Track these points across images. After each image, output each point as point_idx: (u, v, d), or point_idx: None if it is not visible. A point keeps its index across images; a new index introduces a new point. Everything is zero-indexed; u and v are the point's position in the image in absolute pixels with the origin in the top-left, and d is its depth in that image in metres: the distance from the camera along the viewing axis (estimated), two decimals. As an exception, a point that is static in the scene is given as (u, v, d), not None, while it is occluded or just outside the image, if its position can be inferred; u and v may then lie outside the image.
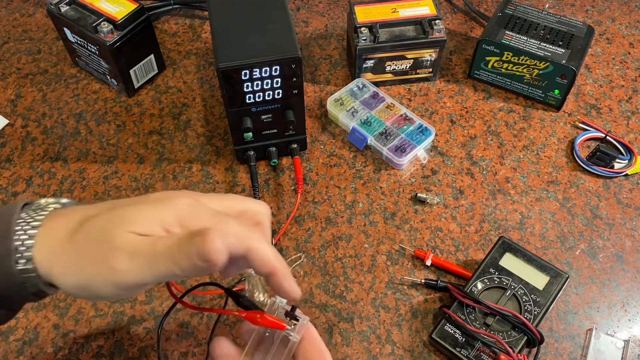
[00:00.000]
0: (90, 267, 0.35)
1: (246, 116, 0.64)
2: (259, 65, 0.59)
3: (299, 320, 0.42)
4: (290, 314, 0.43)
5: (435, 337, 0.56)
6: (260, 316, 0.41)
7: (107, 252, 0.34)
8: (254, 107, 0.64)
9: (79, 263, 0.35)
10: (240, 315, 0.42)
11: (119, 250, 0.34)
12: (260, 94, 0.62)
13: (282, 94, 0.63)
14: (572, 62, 0.73)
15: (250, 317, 0.41)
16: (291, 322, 0.42)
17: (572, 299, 0.61)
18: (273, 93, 0.63)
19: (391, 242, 0.65)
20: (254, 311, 0.42)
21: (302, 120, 0.67)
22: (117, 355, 0.58)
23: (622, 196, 0.69)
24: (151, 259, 0.34)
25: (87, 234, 0.35)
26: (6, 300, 0.37)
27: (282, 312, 0.43)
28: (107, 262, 0.34)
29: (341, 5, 0.93)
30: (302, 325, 0.42)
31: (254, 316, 0.41)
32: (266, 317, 0.41)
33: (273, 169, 0.72)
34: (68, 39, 0.78)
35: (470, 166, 0.72)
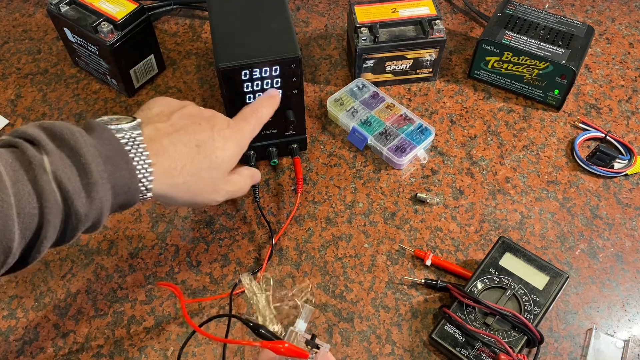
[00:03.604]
0: (199, 199, 0.51)
1: None
2: (259, 65, 0.59)
3: (319, 348, 0.44)
4: (310, 342, 0.44)
5: (435, 337, 0.56)
6: (283, 346, 0.42)
7: (212, 193, 0.51)
8: None
9: (190, 197, 0.49)
10: (265, 346, 0.43)
11: (222, 191, 0.53)
12: (260, 94, 0.62)
13: (282, 94, 0.63)
14: (572, 62, 0.73)
15: (275, 348, 0.42)
16: (312, 350, 0.43)
17: (572, 299, 0.61)
18: None
19: (391, 242, 0.65)
20: (278, 341, 0.43)
21: (302, 120, 0.67)
22: (117, 355, 0.58)
23: (622, 196, 0.69)
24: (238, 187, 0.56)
25: (193, 180, 0.48)
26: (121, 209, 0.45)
27: (301, 340, 0.45)
28: (212, 197, 0.52)
29: (341, 5, 0.93)
30: (323, 353, 0.43)
31: (278, 346, 0.42)
32: (290, 347, 0.42)
33: (273, 169, 0.72)
34: (68, 39, 0.78)
35: (470, 166, 0.72)
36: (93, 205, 0.40)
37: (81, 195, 0.39)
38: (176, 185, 0.47)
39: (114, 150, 0.42)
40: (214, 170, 0.50)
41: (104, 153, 0.41)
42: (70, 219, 0.40)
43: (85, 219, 0.40)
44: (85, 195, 0.40)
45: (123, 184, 0.42)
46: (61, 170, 0.39)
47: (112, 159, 0.42)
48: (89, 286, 0.62)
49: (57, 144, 0.40)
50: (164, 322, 0.60)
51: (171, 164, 0.46)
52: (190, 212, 0.68)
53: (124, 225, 0.67)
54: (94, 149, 0.41)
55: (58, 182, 0.38)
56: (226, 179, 0.53)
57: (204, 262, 0.64)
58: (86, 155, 0.40)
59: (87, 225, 0.42)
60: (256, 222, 0.67)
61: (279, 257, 0.64)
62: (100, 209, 0.41)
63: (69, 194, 0.39)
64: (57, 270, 0.64)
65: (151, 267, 0.64)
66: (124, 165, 0.42)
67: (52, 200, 0.38)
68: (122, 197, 0.43)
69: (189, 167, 0.48)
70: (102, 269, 0.63)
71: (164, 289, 0.62)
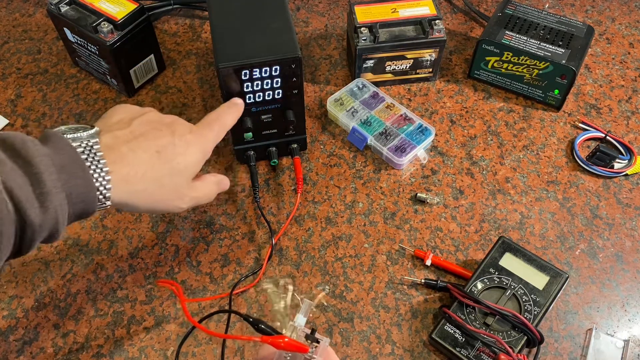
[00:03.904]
0: (161, 206, 0.50)
1: (246, 116, 0.64)
2: (259, 65, 0.59)
3: (319, 342, 0.44)
4: (310, 337, 0.44)
5: (435, 337, 0.56)
6: (283, 341, 0.42)
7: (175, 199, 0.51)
8: (254, 107, 0.64)
9: (152, 205, 0.49)
10: (265, 341, 0.43)
11: (186, 197, 0.52)
12: (260, 94, 0.62)
13: (282, 94, 0.63)
14: (572, 62, 0.73)
15: (275, 343, 0.42)
16: (312, 344, 0.44)
17: (572, 299, 0.61)
18: (273, 93, 0.63)
19: (391, 242, 0.65)
20: (278, 336, 0.43)
21: (302, 120, 0.67)
22: (117, 355, 0.58)
23: (622, 196, 0.69)
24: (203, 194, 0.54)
25: (155, 187, 0.48)
26: (77, 218, 0.45)
27: (301, 334, 0.45)
28: (175, 204, 0.51)
29: (341, 5, 0.93)
30: (323, 347, 0.43)
31: (278, 341, 0.42)
32: (290, 342, 0.42)
33: (273, 168, 0.72)
34: (68, 39, 0.78)
35: (470, 166, 0.72)
36: (47, 214, 0.40)
37: (34, 205, 0.39)
38: (136, 192, 0.47)
39: (69, 159, 0.42)
40: (175, 176, 0.49)
41: (58, 162, 0.41)
42: (25, 229, 0.39)
43: (40, 229, 0.40)
44: (39, 205, 0.39)
45: (79, 192, 0.42)
46: (12, 180, 0.38)
47: (67, 168, 0.41)
48: (89, 286, 0.62)
49: (9, 154, 0.39)
50: (164, 322, 0.60)
51: (130, 171, 0.46)
52: (190, 212, 0.68)
53: (124, 225, 0.67)
54: (47, 158, 0.40)
55: (9, 192, 0.38)
56: (190, 185, 0.52)
57: (204, 262, 0.64)
58: (38, 165, 0.39)
59: (44, 235, 0.41)
60: (256, 222, 0.67)
61: (279, 257, 0.64)
62: (56, 218, 0.40)
63: (21, 204, 0.38)
64: (57, 270, 0.64)
65: (151, 267, 0.64)
66: (80, 174, 0.42)
67: (3, 210, 0.37)
68: (80, 206, 0.42)
69: (149, 173, 0.47)
70: (102, 269, 0.63)
71: (164, 288, 0.62)
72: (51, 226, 0.41)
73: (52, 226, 0.41)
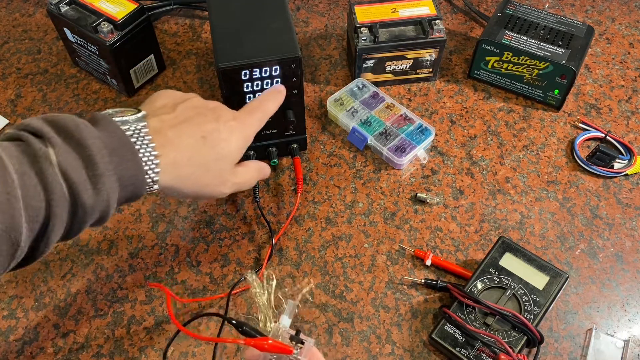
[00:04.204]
0: (205, 190, 0.50)
1: None
2: (259, 65, 0.59)
3: (304, 343, 0.43)
4: (295, 338, 0.44)
5: (435, 337, 0.56)
6: (267, 343, 0.42)
7: (219, 185, 0.51)
8: None
9: (197, 189, 0.49)
10: (248, 344, 0.43)
11: (228, 182, 0.52)
12: (260, 94, 0.62)
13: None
14: (572, 62, 0.73)
15: (258, 345, 0.42)
16: (297, 345, 0.43)
17: (572, 299, 0.61)
18: None
19: (391, 242, 0.65)
20: (261, 338, 0.43)
21: (302, 120, 0.67)
22: (117, 355, 0.58)
23: (622, 196, 0.69)
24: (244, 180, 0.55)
25: (200, 171, 0.48)
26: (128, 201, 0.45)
27: (286, 336, 0.44)
28: (219, 189, 0.52)
29: (341, 5, 0.93)
30: (308, 347, 0.43)
31: (261, 343, 0.42)
32: (273, 343, 0.42)
33: (273, 169, 0.72)
34: (68, 39, 0.78)
35: (470, 166, 0.72)
36: (99, 197, 0.40)
37: (87, 187, 0.39)
38: (183, 176, 0.47)
39: (119, 142, 0.42)
40: (220, 161, 0.50)
41: (110, 145, 0.41)
42: (77, 211, 0.40)
43: (92, 211, 0.40)
44: (92, 187, 0.40)
45: (130, 175, 0.42)
46: (67, 162, 0.39)
47: (118, 151, 0.42)
48: (89, 286, 0.62)
49: (62, 136, 0.40)
50: (164, 322, 0.60)
51: (177, 155, 0.46)
52: (191, 212, 0.68)
53: (124, 225, 0.67)
54: (99, 141, 0.41)
55: (64, 174, 0.38)
56: (233, 171, 0.53)
57: (204, 262, 0.64)
58: (91, 147, 0.40)
59: (95, 217, 0.42)
60: (256, 222, 0.67)
61: (279, 257, 0.64)
62: (107, 201, 0.41)
63: (75, 186, 0.39)
64: (57, 270, 0.64)
65: (151, 267, 0.64)
66: (129, 157, 0.42)
67: (58, 193, 0.38)
68: (129, 189, 0.43)
69: (195, 158, 0.48)
70: (102, 269, 0.63)
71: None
72: (102, 209, 0.41)
73: (103, 209, 0.41)
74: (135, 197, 0.44)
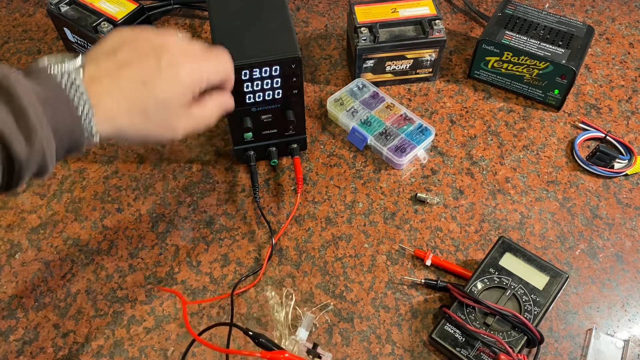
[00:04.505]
0: (151, 137, 0.47)
1: (246, 116, 0.64)
2: (259, 65, 0.59)
3: (321, 358, 0.43)
4: (312, 352, 0.43)
5: (435, 337, 0.56)
6: (284, 356, 0.42)
7: (166, 131, 0.48)
8: (254, 107, 0.64)
9: (142, 137, 0.46)
10: (265, 356, 0.42)
11: (178, 128, 0.48)
12: (260, 94, 0.62)
13: (282, 94, 0.63)
14: (572, 62, 0.73)
15: (275, 358, 0.42)
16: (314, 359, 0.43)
17: (572, 299, 0.61)
18: (273, 93, 0.62)
19: (391, 242, 0.65)
20: (278, 351, 0.42)
21: (302, 120, 0.67)
22: (117, 355, 0.58)
23: (622, 196, 0.69)
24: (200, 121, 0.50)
25: (140, 120, 0.45)
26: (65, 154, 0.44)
27: (303, 349, 0.44)
28: (167, 135, 0.48)
29: (341, 5, 0.93)
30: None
31: (278, 356, 0.42)
32: (290, 357, 0.42)
33: (273, 168, 0.72)
34: (68, 39, 0.78)
35: (470, 166, 0.72)
36: (33, 150, 0.39)
37: (19, 140, 0.38)
38: (123, 126, 0.45)
39: (52, 93, 0.40)
40: (162, 108, 0.46)
41: (43, 96, 0.40)
42: (12, 164, 0.39)
43: (27, 164, 0.39)
44: (24, 140, 0.38)
45: (66, 127, 0.41)
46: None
47: (51, 102, 0.40)
48: (89, 286, 0.62)
49: None
50: (164, 322, 0.60)
51: (113, 106, 0.43)
52: (190, 212, 0.68)
53: (124, 225, 0.67)
54: (31, 93, 0.39)
55: None
56: (183, 114, 0.48)
57: (204, 262, 0.64)
58: (22, 99, 0.38)
59: (33, 170, 0.40)
60: (256, 222, 0.67)
61: (279, 257, 0.64)
62: (43, 154, 0.40)
63: (6, 139, 0.37)
64: (57, 270, 0.64)
65: (151, 267, 0.64)
66: (64, 108, 0.41)
67: None
68: (67, 141, 0.41)
69: (134, 106, 0.44)
70: (102, 269, 0.63)
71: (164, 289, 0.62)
72: (39, 161, 0.40)
73: (40, 161, 0.40)
74: (76, 148, 0.43)
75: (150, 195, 0.69)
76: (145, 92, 0.45)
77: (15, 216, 0.68)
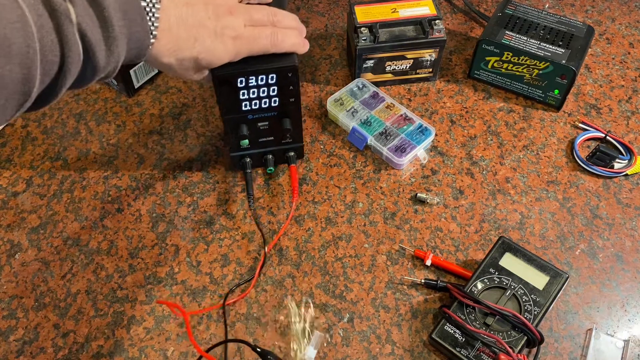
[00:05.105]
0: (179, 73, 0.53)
1: (242, 123, 0.64)
2: (255, 73, 0.58)
3: None
4: None
5: (435, 337, 0.56)
6: None
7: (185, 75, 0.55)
8: (250, 114, 0.63)
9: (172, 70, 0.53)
10: None
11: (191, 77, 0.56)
12: (256, 101, 0.61)
13: (278, 102, 0.62)
14: (572, 62, 0.73)
15: None
16: None
17: (572, 299, 0.61)
18: (269, 101, 0.62)
19: (391, 242, 0.65)
20: None
21: (299, 129, 0.67)
22: (117, 355, 0.58)
23: (622, 196, 0.69)
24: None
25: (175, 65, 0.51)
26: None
27: None
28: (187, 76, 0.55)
29: (341, 5, 0.93)
30: None
31: None
32: None
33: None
34: None
35: (470, 166, 0.72)
36: (112, 57, 0.42)
37: (102, 48, 0.41)
38: (162, 62, 0.50)
39: (131, 6, 0.43)
40: (192, 64, 0.53)
41: (123, 7, 0.42)
42: (89, 68, 0.41)
43: (102, 70, 0.42)
44: (106, 48, 0.41)
45: (137, 39, 0.44)
46: (85, 21, 0.39)
47: (129, 14, 0.43)
48: (89, 286, 0.62)
49: None
50: (164, 322, 0.60)
51: (167, 44, 0.49)
52: (191, 212, 0.68)
53: (124, 225, 0.67)
54: (115, 2, 0.41)
55: (81, 33, 0.39)
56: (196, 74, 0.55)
57: (204, 262, 0.64)
58: (109, 8, 0.41)
59: (103, 75, 0.43)
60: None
61: (279, 257, 0.64)
62: (117, 61, 0.43)
63: (91, 46, 0.40)
64: (57, 270, 0.64)
65: (151, 267, 0.64)
66: (139, 21, 0.44)
67: (75, 51, 0.39)
68: (134, 52, 0.45)
69: (177, 53, 0.50)
70: (102, 269, 0.63)
71: (164, 289, 0.62)
72: (111, 68, 0.43)
73: (112, 68, 0.43)
74: (136, 60, 0.47)
75: (150, 195, 0.69)
76: (195, 46, 0.51)
77: (15, 216, 0.68)
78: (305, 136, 0.74)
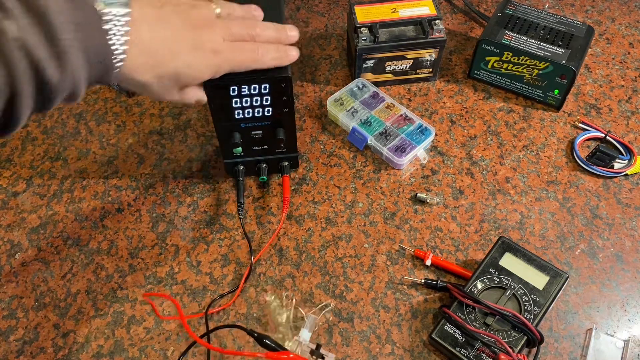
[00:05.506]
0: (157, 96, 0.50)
1: (235, 131, 0.63)
2: (248, 82, 0.57)
3: (324, 358, 0.43)
4: (316, 352, 0.44)
5: (435, 337, 0.56)
6: (288, 356, 0.42)
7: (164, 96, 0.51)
8: (243, 122, 0.62)
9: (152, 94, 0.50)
10: (270, 357, 0.42)
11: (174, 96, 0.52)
12: (249, 110, 0.60)
13: (272, 112, 0.61)
14: (572, 62, 0.73)
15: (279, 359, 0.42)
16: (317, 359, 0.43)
17: (572, 299, 0.61)
18: (263, 110, 0.61)
19: (391, 242, 0.65)
20: (282, 352, 0.43)
21: (293, 139, 0.66)
22: (117, 355, 0.58)
23: (621, 196, 0.69)
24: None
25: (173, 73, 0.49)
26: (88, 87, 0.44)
27: (306, 349, 0.44)
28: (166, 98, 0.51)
29: (341, 5, 0.93)
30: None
31: (282, 357, 0.42)
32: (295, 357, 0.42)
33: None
34: None
35: (470, 166, 0.72)
36: (66, 74, 0.39)
37: (51, 64, 0.38)
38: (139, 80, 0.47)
39: (85, 16, 0.40)
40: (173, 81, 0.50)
41: (74, 19, 0.39)
42: (44, 87, 0.39)
43: (60, 88, 0.39)
44: (57, 64, 0.38)
45: (97, 52, 0.41)
46: (27, 37, 0.37)
47: (83, 27, 0.40)
48: (89, 286, 0.62)
49: (25, 7, 0.37)
50: (164, 322, 0.60)
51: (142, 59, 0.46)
52: (191, 212, 0.68)
53: (124, 225, 0.67)
54: (64, 14, 0.38)
55: (25, 50, 0.37)
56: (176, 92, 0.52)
57: (204, 262, 0.64)
58: (54, 21, 0.38)
59: (64, 94, 0.41)
60: (256, 223, 0.67)
61: (279, 257, 0.64)
62: (73, 78, 0.40)
63: (37, 63, 0.37)
64: (57, 270, 0.64)
65: (151, 267, 0.64)
66: (96, 34, 0.41)
67: (20, 69, 0.37)
68: (99, 68, 0.42)
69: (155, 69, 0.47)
70: (102, 269, 0.63)
71: (163, 289, 0.62)
72: (70, 86, 0.40)
73: (71, 86, 0.40)
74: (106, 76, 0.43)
75: (150, 195, 0.69)
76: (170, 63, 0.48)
77: (15, 216, 0.68)
78: (305, 136, 0.74)
